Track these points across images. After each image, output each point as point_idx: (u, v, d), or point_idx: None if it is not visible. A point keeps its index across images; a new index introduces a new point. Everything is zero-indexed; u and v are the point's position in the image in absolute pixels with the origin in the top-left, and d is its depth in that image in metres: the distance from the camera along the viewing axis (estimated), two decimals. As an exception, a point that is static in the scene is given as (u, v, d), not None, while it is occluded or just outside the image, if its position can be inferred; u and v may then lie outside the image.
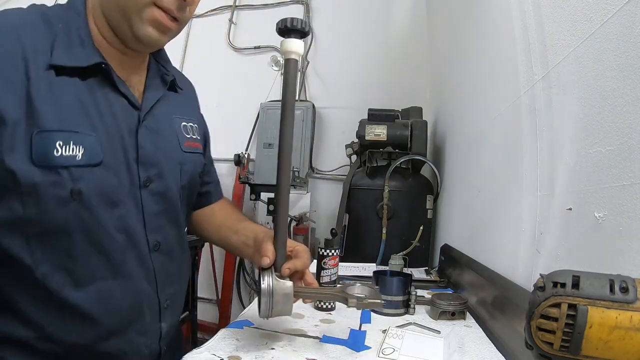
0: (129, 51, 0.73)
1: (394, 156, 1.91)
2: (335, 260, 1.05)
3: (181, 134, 0.83)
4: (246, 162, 2.74)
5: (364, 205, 1.90)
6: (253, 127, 2.88)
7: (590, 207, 0.64)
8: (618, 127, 0.58)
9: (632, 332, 0.37)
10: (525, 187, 0.90)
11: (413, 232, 1.66)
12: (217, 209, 0.99)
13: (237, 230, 0.91)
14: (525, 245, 0.88)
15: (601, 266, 0.60)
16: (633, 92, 0.55)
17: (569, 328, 0.39)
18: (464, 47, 1.57)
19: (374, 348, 0.81)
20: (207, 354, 0.74)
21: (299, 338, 0.85)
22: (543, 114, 0.82)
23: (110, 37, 0.71)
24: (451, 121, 1.85)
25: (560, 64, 0.75)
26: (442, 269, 1.56)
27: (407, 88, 2.53)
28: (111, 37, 0.71)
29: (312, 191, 2.75)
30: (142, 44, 0.70)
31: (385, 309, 1.03)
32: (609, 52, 0.60)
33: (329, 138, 2.79)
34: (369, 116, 2.06)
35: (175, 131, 0.81)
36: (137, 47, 0.72)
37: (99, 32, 0.70)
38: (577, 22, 0.69)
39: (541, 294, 0.41)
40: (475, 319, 1.03)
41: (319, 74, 2.84)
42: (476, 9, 1.37)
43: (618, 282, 0.39)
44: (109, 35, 0.71)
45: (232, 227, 0.93)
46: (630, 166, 0.55)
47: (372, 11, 2.70)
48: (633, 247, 0.54)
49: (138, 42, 0.70)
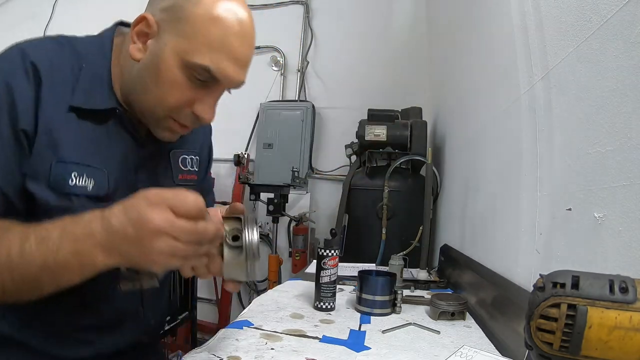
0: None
1: (394, 156, 1.92)
2: (334, 260, 1.05)
3: (177, 167, 0.84)
4: (246, 162, 2.74)
5: (364, 206, 1.91)
6: (253, 127, 2.89)
7: (590, 207, 0.64)
8: (618, 127, 0.58)
9: (632, 332, 0.37)
10: (525, 187, 0.90)
11: (413, 232, 1.66)
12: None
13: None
14: (525, 245, 0.88)
15: (601, 266, 0.60)
16: (633, 92, 0.55)
17: (568, 328, 0.39)
18: (464, 47, 1.57)
19: (374, 348, 0.81)
20: (207, 354, 0.74)
21: (299, 338, 0.84)
22: (543, 114, 0.82)
23: (127, 103, 0.73)
24: (451, 121, 1.85)
25: (560, 64, 0.75)
26: (442, 269, 1.56)
27: (407, 88, 2.53)
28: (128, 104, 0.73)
29: (312, 191, 2.75)
30: (156, 137, 0.74)
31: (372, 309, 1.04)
32: (609, 52, 0.60)
33: (329, 138, 2.79)
34: (368, 116, 2.06)
35: (171, 166, 0.83)
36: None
37: (118, 87, 0.72)
38: (577, 22, 0.69)
39: (541, 294, 0.41)
40: (475, 319, 1.03)
41: (319, 74, 2.84)
42: (476, 9, 1.37)
43: (618, 282, 0.38)
44: (127, 102, 0.73)
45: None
46: (630, 166, 0.55)
47: (372, 11, 2.70)
48: (633, 247, 0.54)
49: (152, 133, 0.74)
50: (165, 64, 0.65)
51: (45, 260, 0.55)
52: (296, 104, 2.79)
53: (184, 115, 0.70)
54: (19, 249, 0.55)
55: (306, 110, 2.70)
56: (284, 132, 2.72)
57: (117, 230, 0.54)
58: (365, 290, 1.05)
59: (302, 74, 2.84)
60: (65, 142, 0.66)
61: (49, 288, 0.58)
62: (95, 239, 0.55)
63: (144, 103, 0.70)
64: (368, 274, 1.09)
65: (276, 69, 2.88)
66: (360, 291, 1.06)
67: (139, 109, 0.71)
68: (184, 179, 0.85)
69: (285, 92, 2.90)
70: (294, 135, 2.70)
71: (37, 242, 0.55)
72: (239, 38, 0.67)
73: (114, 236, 0.54)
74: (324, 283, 1.04)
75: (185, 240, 0.54)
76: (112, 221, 0.55)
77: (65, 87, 0.67)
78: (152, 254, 0.54)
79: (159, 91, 0.67)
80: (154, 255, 0.54)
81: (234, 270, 0.63)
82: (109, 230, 0.54)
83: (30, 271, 0.55)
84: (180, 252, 0.55)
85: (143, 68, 0.67)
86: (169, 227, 0.53)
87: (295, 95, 2.85)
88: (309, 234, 2.60)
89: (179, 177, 0.84)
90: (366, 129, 1.98)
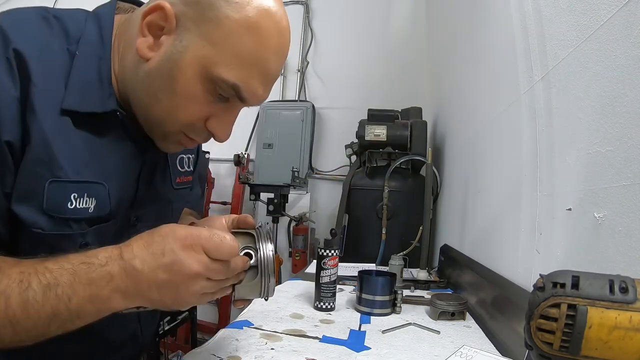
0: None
1: (394, 156, 1.92)
2: (334, 260, 1.05)
3: (175, 169, 0.76)
4: (246, 162, 2.74)
5: (364, 206, 1.91)
6: (253, 127, 2.89)
7: (590, 207, 0.64)
8: (618, 127, 0.58)
9: (632, 332, 0.37)
10: (525, 187, 0.90)
11: (413, 232, 1.66)
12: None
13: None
14: (524, 245, 0.88)
15: (601, 266, 0.60)
16: (633, 92, 0.55)
17: (568, 328, 0.39)
18: (464, 47, 1.57)
19: (374, 348, 0.81)
20: (207, 354, 0.74)
21: (299, 338, 0.84)
22: (543, 114, 0.82)
23: (125, 100, 0.61)
24: (451, 121, 1.85)
25: (560, 64, 0.75)
26: (442, 269, 1.56)
27: (407, 88, 2.53)
28: (126, 101, 0.61)
29: (312, 191, 2.75)
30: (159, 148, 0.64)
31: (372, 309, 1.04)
32: (609, 52, 0.60)
33: (329, 138, 2.80)
34: (368, 116, 2.06)
35: (169, 167, 0.74)
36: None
37: (116, 80, 0.60)
38: (577, 22, 0.69)
39: (541, 294, 0.41)
40: (475, 319, 1.03)
41: (318, 74, 2.84)
42: (476, 9, 1.37)
43: (618, 282, 0.38)
44: (125, 99, 0.60)
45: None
46: (630, 166, 0.55)
47: (372, 11, 2.70)
48: (633, 247, 0.54)
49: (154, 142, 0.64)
50: (183, 72, 0.54)
51: (56, 310, 0.47)
52: (296, 104, 2.79)
53: (197, 130, 0.60)
54: (19, 298, 0.46)
55: (306, 110, 2.70)
56: (284, 132, 2.72)
57: (144, 275, 0.49)
58: (365, 290, 1.05)
59: (302, 74, 2.84)
60: (60, 155, 0.53)
61: (57, 333, 0.50)
62: (115, 284, 0.48)
63: (150, 112, 0.58)
64: (368, 274, 1.09)
65: (276, 69, 2.88)
66: (360, 291, 1.06)
67: (143, 117, 0.60)
68: (182, 182, 0.78)
69: (285, 92, 2.90)
70: (294, 135, 2.70)
71: (42, 289, 0.47)
72: (276, 54, 0.56)
73: (140, 282, 0.49)
74: (324, 283, 1.04)
75: (217, 279, 0.53)
76: (135, 265, 0.49)
77: (57, 84, 0.53)
78: (185, 297, 0.51)
79: (172, 103, 0.56)
80: (187, 298, 0.51)
81: (247, 290, 0.59)
82: (133, 274, 0.48)
83: (37, 324, 0.47)
84: (210, 290, 0.53)
85: (154, 71, 0.55)
86: (205, 271, 0.50)
87: (295, 95, 2.85)
88: (309, 234, 2.60)
89: (177, 180, 0.76)
90: (366, 129, 1.98)
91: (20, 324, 0.47)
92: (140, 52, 0.55)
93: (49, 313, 0.47)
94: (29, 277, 0.47)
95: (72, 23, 0.57)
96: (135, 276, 0.49)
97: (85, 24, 0.58)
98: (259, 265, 0.57)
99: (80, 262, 0.49)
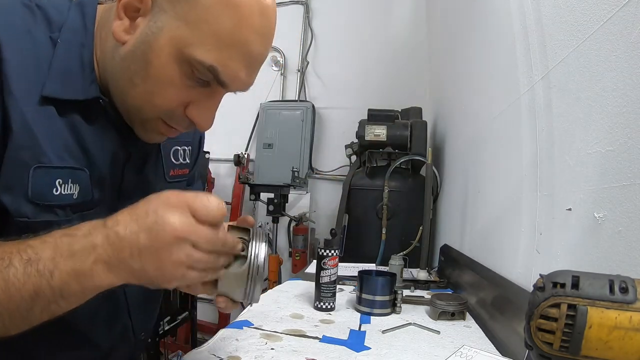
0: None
1: (394, 156, 1.91)
2: (334, 260, 1.05)
3: (169, 161, 0.73)
4: (246, 162, 2.74)
5: (364, 206, 1.90)
6: (253, 127, 2.89)
7: (590, 207, 0.64)
8: (618, 127, 0.58)
9: (632, 332, 0.37)
10: (525, 187, 0.90)
11: (413, 232, 1.66)
12: None
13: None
14: (524, 245, 0.88)
15: (601, 266, 0.60)
16: (633, 92, 0.55)
17: (568, 328, 0.39)
18: (464, 47, 1.57)
19: (374, 348, 0.81)
20: (207, 354, 0.74)
21: (299, 338, 0.84)
22: (543, 114, 0.82)
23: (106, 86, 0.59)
24: (451, 121, 1.85)
25: (560, 64, 0.75)
26: (442, 269, 1.56)
27: (407, 88, 2.53)
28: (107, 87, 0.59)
29: (312, 191, 2.75)
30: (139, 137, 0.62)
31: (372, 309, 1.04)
32: (609, 52, 0.60)
33: (329, 138, 2.80)
34: (368, 116, 2.06)
35: (162, 160, 0.72)
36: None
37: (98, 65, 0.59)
38: (577, 22, 0.69)
39: (541, 294, 0.41)
40: (475, 319, 1.03)
41: (319, 74, 2.84)
42: (476, 9, 1.37)
43: (618, 282, 0.38)
44: (106, 85, 0.59)
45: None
46: (630, 166, 0.55)
47: (372, 11, 2.70)
48: (633, 247, 0.54)
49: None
50: (157, 54, 0.51)
51: (38, 288, 0.44)
52: (296, 104, 2.79)
53: (177, 117, 0.57)
54: (0, 276, 0.44)
55: (306, 110, 2.70)
56: (284, 132, 2.72)
57: (126, 240, 0.45)
58: (365, 290, 1.05)
59: (302, 74, 2.84)
60: (43, 141, 0.52)
61: (42, 318, 0.47)
62: (97, 254, 0.45)
63: (127, 98, 0.56)
64: (368, 274, 1.09)
65: (276, 69, 2.88)
66: (360, 291, 1.06)
67: (122, 104, 0.58)
68: (176, 175, 0.74)
69: (285, 92, 2.90)
70: (294, 135, 2.70)
71: (23, 265, 0.44)
72: (258, 33, 0.53)
73: (122, 248, 0.45)
74: (324, 283, 1.04)
75: (205, 249, 0.47)
76: (118, 230, 0.46)
77: (38, 71, 0.52)
78: (168, 267, 0.46)
79: (148, 87, 0.54)
80: (170, 267, 0.46)
81: (230, 284, 0.53)
82: (115, 241, 0.45)
83: (19, 305, 0.44)
84: (199, 263, 0.47)
85: (129, 54, 0.53)
86: (189, 233, 0.45)
87: (295, 95, 2.85)
88: (309, 234, 2.60)
89: (171, 173, 0.73)
90: (366, 129, 1.98)
91: (1, 305, 0.44)
92: (116, 36, 0.53)
93: (31, 292, 0.44)
94: (10, 255, 0.45)
95: (54, 11, 0.55)
96: (118, 243, 0.45)
97: (68, 12, 0.56)
98: (248, 258, 0.53)
99: (62, 234, 0.46)
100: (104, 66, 0.57)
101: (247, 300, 0.55)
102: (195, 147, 0.81)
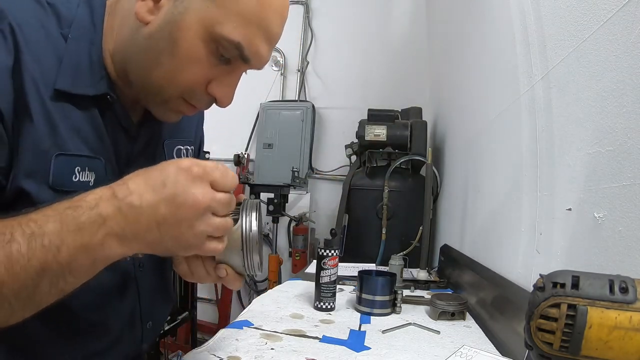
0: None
1: (394, 156, 1.91)
2: (334, 260, 1.05)
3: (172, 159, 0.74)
4: (246, 162, 2.75)
5: (364, 206, 1.91)
6: (253, 127, 2.89)
7: (590, 207, 0.64)
8: (618, 127, 0.58)
9: (632, 332, 0.37)
10: (525, 187, 0.90)
11: (413, 232, 1.66)
12: None
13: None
14: (524, 245, 0.88)
15: (601, 266, 0.60)
16: (633, 92, 0.55)
17: (568, 328, 0.39)
18: (464, 47, 1.57)
19: (374, 348, 0.81)
20: (207, 354, 0.74)
21: (299, 338, 0.84)
22: (543, 114, 0.82)
23: (122, 77, 0.61)
24: (451, 121, 1.85)
25: (560, 64, 0.75)
26: (442, 269, 1.56)
27: (407, 88, 2.53)
28: (123, 78, 0.61)
29: (312, 191, 2.75)
30: (156, 118, 0.63)
31: (372, 309, 1.04)
32: (609, 52, 0.60)
33: (329, 138, 2.79)
34: (368, 116, 2.06)
35: (165, 158, 0.73)
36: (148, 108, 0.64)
37: (111, 60, 0.61)
38: (577, 22, 0.69)
39: (541, 294, 0.41)
40: (474, 319, 1.03)
41: (319, 74, 2.84)
42: (476, 9, 1.37)
43: (618, 282, 0.38)
44: (122, 76, 0.61)
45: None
46: (630, 166, 0.55)
47: (372, 11, 2.70)
48: (633, 247, 0.54)
49: (152, 113, 0.63)
50: (184, 33, 0.53)
51: (44, 264, 0.42)
52: (296, 104, 2.79)
53: (198, 96, 0.59)
54: (2, 253, 0.42)
55: (306, 110, 2.70)
56: (284, 132, 2.72)
57: (143, 212, 0.44)
58: (365, 290, 1.05)
59: (302, 74, 2.84)
60: (63, 130, 0.54)
61: (48, 297, 0.45)
62: (109, 227, 0.44)
63: (150, 77, 0.57)
64: (368, 274, 1.09)
65: (276, 68, 2.88)
66: (360, 291, 1.06)
67: (141, 85, 0.59)
68: None
69: (285, 92, 2.90)
70: (294, 135, 2.70)
71: (27, 239, 0.42)
72: (277, 13, 0.57)
73: (138, 221, 0.44)
74: (324, 283, 1.04)
75: (222, 214, 0.48)
76: (132, 202, 0.44)
77: (52, 64, 0.54)
78: (189, 238, 0.46)
79: (173, 66, 0.55)
80: (191, 238, 0.46)
81: (229, 249, 0.53)
82: (130, 214, 0.44)
83: (25, 282, 0.42)
84: (217, 231, 0.48)
85: (154, 34, 0.54)
86: (211, 204, 0.46)
87: (295, 95, 2.85)
88: (309, 234, 2.60)
89: None
90: (366, 129, 1.98)
91: (6, 286, 0.42)
92: (139, 17, 0.54)
93: (37, 268, 0.42)
94: (12, 230, 0.43)
95: (64, 8, 0.57)
96: (133, 215, 0.44)
97: (77, 9, 0.58)
98: (240, 226, 0.53)
99: (66, 207, 0.45)
100: (121, 52, 0.59)
101: (247, 270, 0.55)
102: (196, 148, 0.82)
